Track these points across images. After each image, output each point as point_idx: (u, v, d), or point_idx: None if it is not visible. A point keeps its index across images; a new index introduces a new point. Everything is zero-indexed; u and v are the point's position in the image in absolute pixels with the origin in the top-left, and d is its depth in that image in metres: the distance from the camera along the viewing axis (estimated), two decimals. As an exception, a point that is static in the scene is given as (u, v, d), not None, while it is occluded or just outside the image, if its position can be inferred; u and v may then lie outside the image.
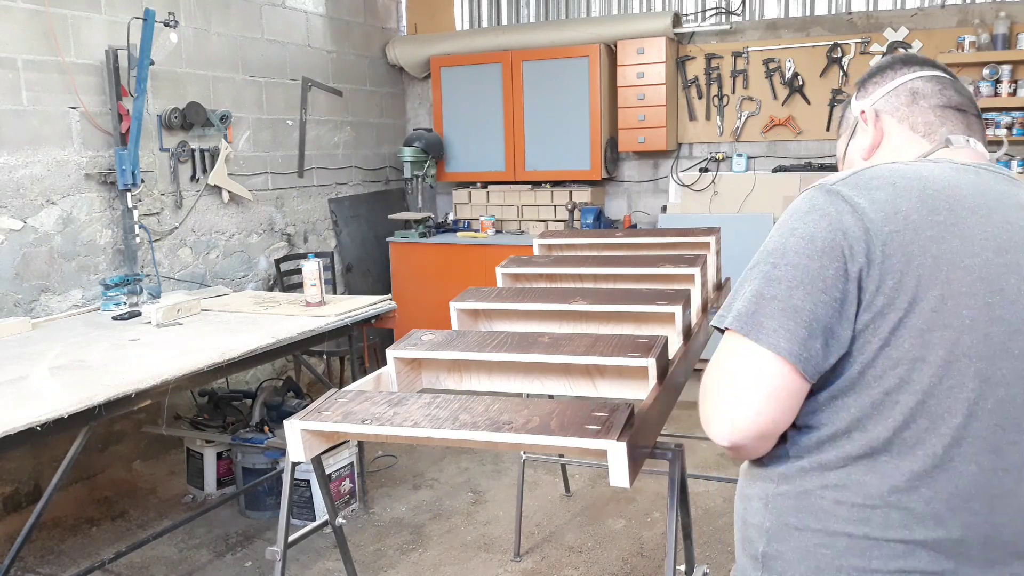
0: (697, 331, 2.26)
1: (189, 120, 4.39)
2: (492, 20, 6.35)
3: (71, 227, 3.89)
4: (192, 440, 3.85)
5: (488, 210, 6.03)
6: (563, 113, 5.61)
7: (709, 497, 3.66)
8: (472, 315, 2.34)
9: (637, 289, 2.30)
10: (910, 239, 1.05)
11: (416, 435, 1.61)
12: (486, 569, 3.16)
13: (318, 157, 5.50)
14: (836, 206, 1.08)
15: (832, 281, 1.05)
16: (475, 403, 1.65)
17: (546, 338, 1.96)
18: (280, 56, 5.15)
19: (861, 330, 1.06)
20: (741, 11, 5.49)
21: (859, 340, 1.06)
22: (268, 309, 3.66)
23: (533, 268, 2.59)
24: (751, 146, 5.49)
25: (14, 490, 3.71)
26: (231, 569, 3.21)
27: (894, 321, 1.04)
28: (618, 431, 1.45)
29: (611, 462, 1.43)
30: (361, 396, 1.76)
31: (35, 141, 3.71)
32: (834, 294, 1.05)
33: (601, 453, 1.44)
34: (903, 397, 1.05)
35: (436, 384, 2.12)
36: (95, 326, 3.40)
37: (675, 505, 1.71)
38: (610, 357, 1.81)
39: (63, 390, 2.43)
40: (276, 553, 1.95)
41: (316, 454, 1.75)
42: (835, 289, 1.05)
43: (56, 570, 3.21)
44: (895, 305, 1.04)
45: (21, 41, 3.64)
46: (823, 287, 1.05)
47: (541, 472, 3.98)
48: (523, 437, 1.49)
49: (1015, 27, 4.68)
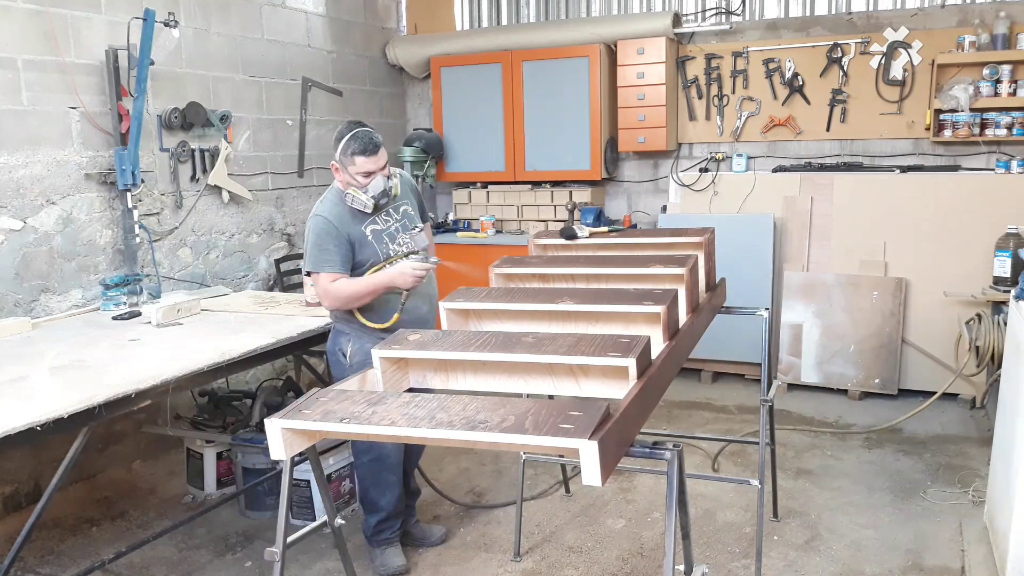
0: (685, 331, 2.27)
1: (189, 120, 4.40)
2: (492, 20, 6.35)
3: (71, 227, 3.89)
4: (192, 440, 3.85)
5: (488, 210, 6.03)
6: (563, 113, 5.61)
7: (709, 497, 3.66)
8: (462, 315, 2.36)
9: (625, 289, 2.31)
10: None
11: (393, 433, 1.64)
12: (486, 569, 3.16)
13: (318, 157, 5.50)
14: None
15: None
16: (453, 402, 1.67)
17: (530, 338, 1.98)
18: (280, 56, 5.15)
19: None
20: (741, 11, 5.49)
21: None
22: (268, 309, 3.66)
23: (526, 268, 2.60)
24: (751, 146, 5.50)
25: (14, 490, 3.71)
26: (231, 569, 3.21)
27: None
28: (590, 430, 1.46)
29: (583, 461, 1.45)
30: (342, 395, 1.79)
31: (35, 141, 3.71)
32: None
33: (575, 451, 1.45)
34: None
35: (423, 383, 2.14)
36: (95, 326, 3.40)
37: (674, 505, 1.72)
38: (591, 357, 1.83)
39: (63, 390, 2.43)
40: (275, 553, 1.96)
41: (297, 452, 1.76)
42: None
43: (56, 570, 3.21)
44: None
45: (21, 41, 3.64)
46: None
47: (541, 472, 3.98)
48: (497, 436, 1.51)
49: (1015, 27, 4.67)
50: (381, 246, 2.93)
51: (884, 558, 3.13)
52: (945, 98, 4.77)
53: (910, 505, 3.56)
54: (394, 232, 2.98)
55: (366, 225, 2.91)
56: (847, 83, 5.13)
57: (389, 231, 2.97)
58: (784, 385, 5.16)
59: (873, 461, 4.05)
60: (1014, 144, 4.81)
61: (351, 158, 2.81)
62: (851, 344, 5.01)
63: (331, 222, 2.84)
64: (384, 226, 2.96)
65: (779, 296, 5.25)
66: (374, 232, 2.93)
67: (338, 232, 2.84)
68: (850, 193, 5.09)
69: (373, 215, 2.91)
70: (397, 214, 3.01)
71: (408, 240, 2.97)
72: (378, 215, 2.94)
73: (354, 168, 2.82)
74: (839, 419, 4.66)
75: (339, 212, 2.87)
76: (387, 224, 2.97)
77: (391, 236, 2.97)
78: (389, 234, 2.96)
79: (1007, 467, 2.86)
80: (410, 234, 2.98)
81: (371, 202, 2.84)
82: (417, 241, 2.89)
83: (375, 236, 2.92)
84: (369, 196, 2.83)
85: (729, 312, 3.02)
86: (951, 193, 4.84)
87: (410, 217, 3.06)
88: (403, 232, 3.00)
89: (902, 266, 4.97)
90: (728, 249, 4.34)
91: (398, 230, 2.99)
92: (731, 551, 3.21)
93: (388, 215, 2.98)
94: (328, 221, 2.84)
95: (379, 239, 2.93)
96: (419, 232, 2.98)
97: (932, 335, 4.89)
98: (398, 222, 3.01)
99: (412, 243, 2.93)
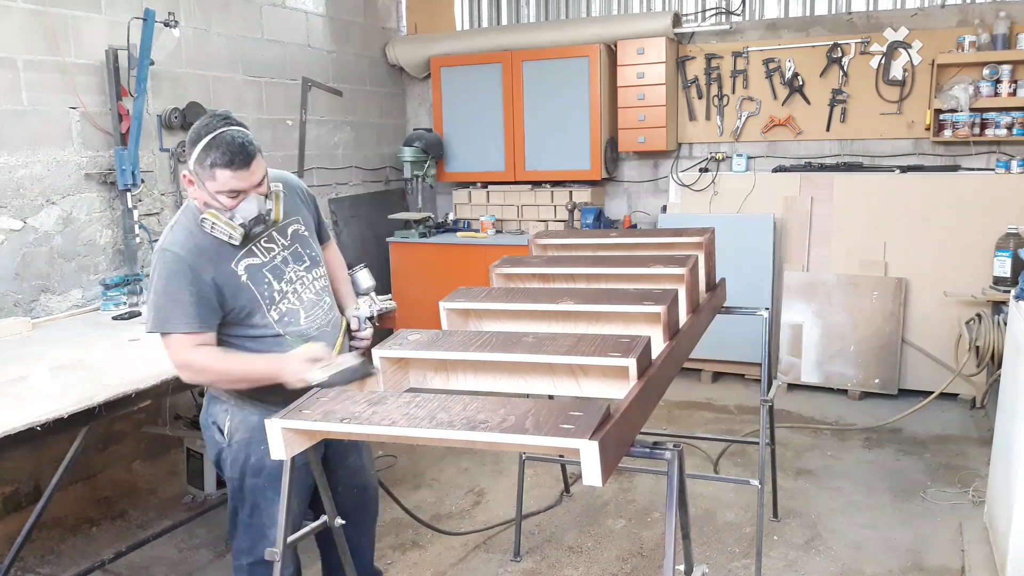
0: (685, 331, 2.27)
1: (189, 120, 4.39)
2: (492, 20, 6.35)
3: (71, 227, 3.89)
4: (192, 440, 3.85)
5: (488, 210, 6.03)
6: (563, 113, 5.61)
7: (709, 497, 3.66)
8: (462, 315, 2.35)
9: (625, 289, 2.31)
10: None
11: (393, 433, 1.63)
12: (486, 569, 3.16)
13: (318, 157, 5.50)
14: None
15: None
16: (454, 402, 1.67)
17: (530, 338, 1.98)
18: (280, 56, 5.15)
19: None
20: (741, 11, 5.49)
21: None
22: (268, 309, 3.66)
23: (526, 268, 2.60)
24: (751, 146, 5.49)
25: (14, 490, 3.71)
26: (231, 569, 3.21)
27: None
28: (591, 430, 1.46)
29: (584, 461, 1.45)
30: (343, 395, 1.79)
31: (35, 141, 3.71)
32: None
33: (576, 452, 1.45)
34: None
35: (423, 383, 2.13)
36: (95, 326, 3.40)
37: (674, 505, 1.71)
38: (591, 357, 1.83)
39: (63, 390, 2.43)
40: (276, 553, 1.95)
41: (297, 452, 1.76)
42: None
43: (56, 570, 3.21)
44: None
45: (21, 41, 3.64)
46: None
47: (541, 472, 3.98)
48: (498, 436, 1.51)
49: (1015, 27, 4.67)
50: (262, 288, 2.14)
51: (884, 558, 3.13)
52: (945, 98, 4.77)
53: (910, 505, 3.56)
54: (281, 265, 2.19)
55: (237, 260, 2.10)
56: (847, 83, 5.13)
57: (274, 264, 2.18)
58: (784, 385, 5.16)
59: (873, 461, 4.05)
60: (1014, 144, 4.81)
61: (210, 171, 2.01)
62: (851, 344, 5.01)
63: (184, 260, 2.03)
64: (265, 258, 2.16)
65: (779, 296, 5.25)
66: (249, 269, 2.12)
67: (195, 274, 2.03)
68: (850, 193, 5.09)
69: (248, 244, 2.12)
70: (284, 238, 2.22)
71: (315, 292, 2.24)
72: (256, 243, 2.14)
73: (214, 185, 2.01)
74: (839, 419, 4.66)
75: (196, 244, 2.06)
76: (270, 255, 2.17)
77: (276, 272, 2.17)
78: (273, 269, 2.17)
79: (1007, 467, 2.86)
80: (354, 276, 2.39)
81: (239, 232, 2.05)
82: (359, 284, 2.35)
83: (251, 275, 2.12)
84: (237, 223, 2.04)
85: (729, 312, 3.02)
86: (951, 193, 4.84)
87: (302, 240, 2.27)
88: (295, 263, 2.22)
89: (902, 266, 4.97)
90: (728, 249, 4.33)
91: (287, 260, 2.21)
92: (731, 551, 3.21)
93: (271, 241, 2.19)
94: (180, 258, 2.03)
95: (257, 279, 2.13)
96: (360, 270, 2.43)
97: (932, 335, 4.89)
98: (286, 249, 2.21)
99: (352, 298, 2.35)
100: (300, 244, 2.26)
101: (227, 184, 2.01)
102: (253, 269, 2.13)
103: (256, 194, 2.06)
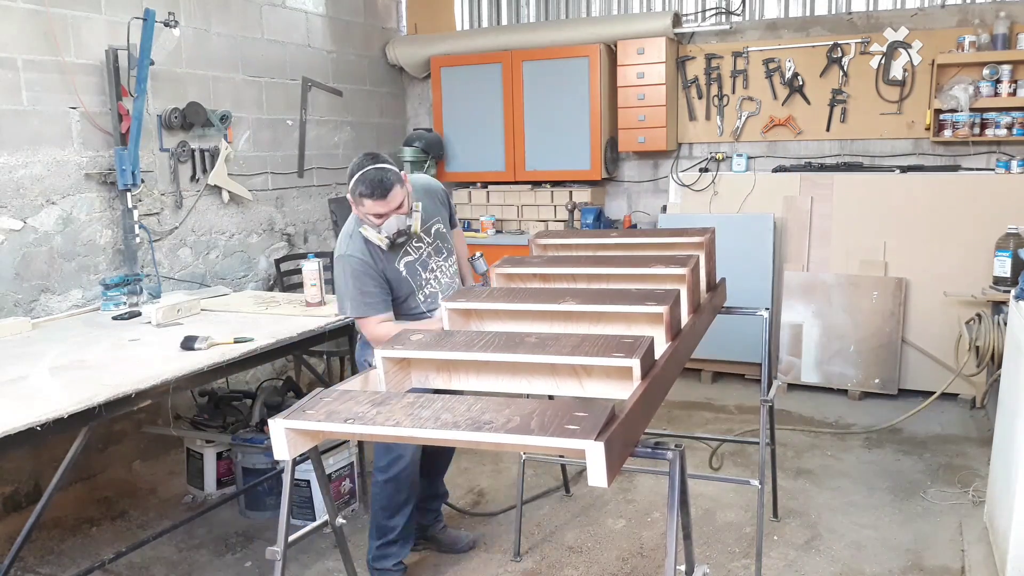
0: (687, 331, 2.27)
1: (189, 120, 4.39)
2: (492, 20, 6.35)
3: (71, 227, 3.89)
4: (192, 440, 3.85)
5: (488, 210, 6.03)
6: (563, 113, 5.61)
7: (709, 497, 3.66)
8: (464, 315, 2.35)
9: (627, 289, 2.31)
10: None
11: (398, 434, 1.63)
12: (486, 569, 3.16)
13: (318, 157, 5.50)
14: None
15: None
16: (458, 403, 1.66)
17: (533, 338, 1.98)
18: (280, 56, 5.15)
19: None
20: (741, 11, 5.49)
21: None
22: (268, 309, 3.66)
23: (527, 268, 2.60)
24: (751, 146, 5.50)
25: (14, 490, 3.71)
26: (231, 569, 3.21)
27: None
28: (596, 431, 1.46)
29: (589, 462, 1.44)
30: (346, 396, 1.78)
31: (35, 141, 3.71)
32: None
33: (581, 452, 1.45)
34: None
35: (425, 384, 2.13)
36: (95, 326, 3.40)
37: (675, 505, 1.71)
38: (595, 357, 1.83)
39: (63, 390, 2.43)
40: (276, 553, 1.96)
41: (300, 453, 1.76)
42: None
43: (56, 570, 3.21)
44: None
45: (21, 41, 3.64)
46: None
47: (541, 472, 3.98)
48: (503, 437, 1.50)
49: (1015, 27, 4.68)
50: (416, 279, 2.85)
51: (884, 558, 3.13)
52: (945, 98, 4.77)
53: (910, 505, 3.56)
54: (427, 259, 2.88)
55: (399, 259, 2.80)
56: (847, 83, 5.13)
57: (421, 259, 2.88)
58: (784, 385, 5.16)
59: (873, 461, 4.05)
60: (1014, 144, 4.81)
61: (359, 199, 2.66)
62: (851, 344, 5.01)
63: (366, 261, 2.73)
64: (417, 255, 2.86)
65: (779, 296, 5.25)
66: (408, 265, 2.83)
67: (375, 270, 2.74)
68: (850, 193, 5.09)
69: (402, 247, 2.80)
70: (428, 236, 2.91)
71: (444, 273, 2.92)
72: (409, 244, 2.82)
73: (363, 209, 2.68)
74: (839, 419, 4.66)
75: (370, 248, 2.75)
76: (419, 252, 2.87)
77: (423, 264, 2.88)
78: (422, 262, 2.88)
79: (1007, 467, 2.86)
80: (473, 263, 3.01)
81: (385, 242, 2.70)
82: (478, 268, 2.94)
83: (409, 270, 2.84)
84: (383, 236, 2.69)
85: (729, 312, 3.02)
86: (951, 193, 4.84)
87: (442, 236, 2.96)
88: (436, 256, 2.91)
89: (902, 266, 4.97)
90: (728, 249, 4.33)
91: (430, 255, 2.90)
92: (731, 551, 3.21)
93: (419, 240, 2.86)
94: (363, 261, 2.73)
95: (412, 272, 2.85)
96: (479, 259, 2.98)
97: (932, 335, 4.89)
98: (429, 246, 2.90)
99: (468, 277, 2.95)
100: (440, 240, 2.94)
101: (372, 209, 2.65)
102: (409, 265, 2.83)
103: (397, 215, 2.67)
